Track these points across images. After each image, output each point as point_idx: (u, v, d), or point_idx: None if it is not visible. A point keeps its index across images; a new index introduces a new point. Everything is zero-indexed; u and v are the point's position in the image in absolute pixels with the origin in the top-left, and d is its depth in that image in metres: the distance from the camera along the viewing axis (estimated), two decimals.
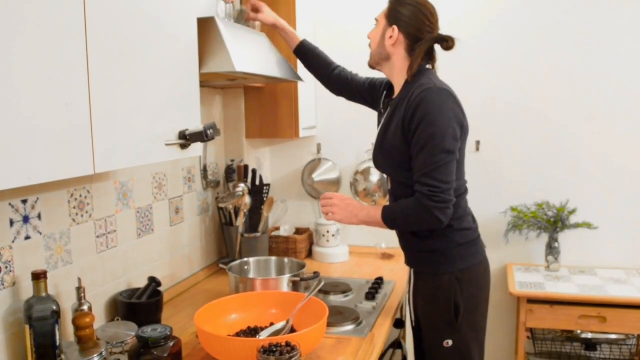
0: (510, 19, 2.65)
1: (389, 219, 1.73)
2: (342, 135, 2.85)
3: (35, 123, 0.99)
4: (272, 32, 2.46)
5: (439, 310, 1.74)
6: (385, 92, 1.95)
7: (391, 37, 1.74)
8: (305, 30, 2.62)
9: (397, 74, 1.79)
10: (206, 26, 1.68)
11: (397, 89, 1.81)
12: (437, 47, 1.77)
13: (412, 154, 1.67)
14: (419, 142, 1.63)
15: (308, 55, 2.14)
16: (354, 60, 2.79)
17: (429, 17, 1.72)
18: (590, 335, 2.59)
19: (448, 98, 1.64)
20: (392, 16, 1.74)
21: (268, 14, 2.10)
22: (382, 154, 1.80)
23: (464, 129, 1.69)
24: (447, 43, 1.71)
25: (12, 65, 0.94)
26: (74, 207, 1.60)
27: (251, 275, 2.09)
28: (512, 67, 2.68)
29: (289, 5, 2.47)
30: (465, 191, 1.80)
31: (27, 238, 1.43)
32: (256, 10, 2.09)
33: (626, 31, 2.55)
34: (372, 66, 1.87)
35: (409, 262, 1.86)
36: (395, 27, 1.73)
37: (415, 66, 1.72)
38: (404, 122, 1.67)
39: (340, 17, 2.81)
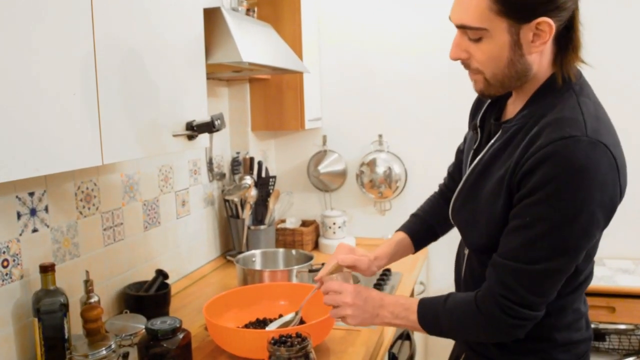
0: None
1: (430, 323, 1.15)
2: (348, 126, 2.83)
3: (43, 113, 0.98)
4: (277, 22, 2.44)
5: None
6: (488, 103, 1.25)
7: (538, 35, 1.01)
8: (309, 25, 2.59)
9: (532, 83, 1.10)
10: (212, 16, 1.67)
11: (520, 102, 1.13)
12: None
13: (507, 222, 1.05)
14: (522, 215, 1.01)
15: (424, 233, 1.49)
16: (360, 55, 2.79)
17: None
18: (599, 326, 2.58)
19: (600, 163, 0.98)
20: (519, 4, 0.98)
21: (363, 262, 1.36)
22: (466, 205, 1.16)
23: (613, 212, 1.04)
24: None
25: (18, 56, 0.93)
26: (81, 200, 1.59)
27: (258, 267, 2.08)
28: None
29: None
30: (587, 279, 1.14)
31: (35, 231, 1.42)
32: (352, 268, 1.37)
33: (628, 28, 2.52)
34: (494, 95, 1.16)
35: None
36: (542, 19, 0.99)
37: (576, 57, 1.09)
38: (514, 172, 1.03)
39: (346, 10, 2.76)
